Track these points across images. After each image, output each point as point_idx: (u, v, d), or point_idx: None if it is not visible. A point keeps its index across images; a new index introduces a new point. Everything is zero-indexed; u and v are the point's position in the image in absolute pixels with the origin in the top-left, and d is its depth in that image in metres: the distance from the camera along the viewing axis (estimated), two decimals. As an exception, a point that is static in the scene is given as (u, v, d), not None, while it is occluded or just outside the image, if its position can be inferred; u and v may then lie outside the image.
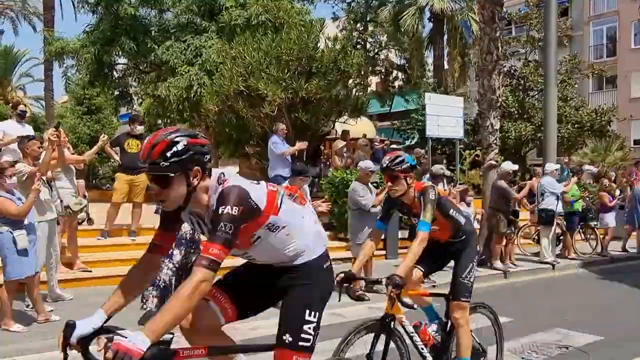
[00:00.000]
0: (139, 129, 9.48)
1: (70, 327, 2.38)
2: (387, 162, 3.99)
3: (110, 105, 27.06)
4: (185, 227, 6.30)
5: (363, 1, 30.31)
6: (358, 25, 30.80)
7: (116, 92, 23.35)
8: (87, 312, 2.58)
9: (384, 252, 11.00)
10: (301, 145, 10.80)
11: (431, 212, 3.79)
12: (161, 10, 19.53)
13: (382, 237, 4.52)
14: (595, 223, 13.25)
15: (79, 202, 7.65)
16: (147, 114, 25.76)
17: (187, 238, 6.30)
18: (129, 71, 21.98)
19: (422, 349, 3.86)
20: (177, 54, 17.76)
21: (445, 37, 28.03)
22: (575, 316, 7.03)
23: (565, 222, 12.31)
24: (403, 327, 3.77)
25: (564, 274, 11.06)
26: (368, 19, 30.45)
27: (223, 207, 2.43)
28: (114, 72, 21.63)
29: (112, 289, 2.67)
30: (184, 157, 2.44)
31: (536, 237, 12.87)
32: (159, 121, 27.15)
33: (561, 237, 12.56)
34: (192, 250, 6.37)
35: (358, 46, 27.98)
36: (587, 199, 13.50)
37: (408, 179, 3.98)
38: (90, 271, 8.16)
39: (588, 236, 13.30)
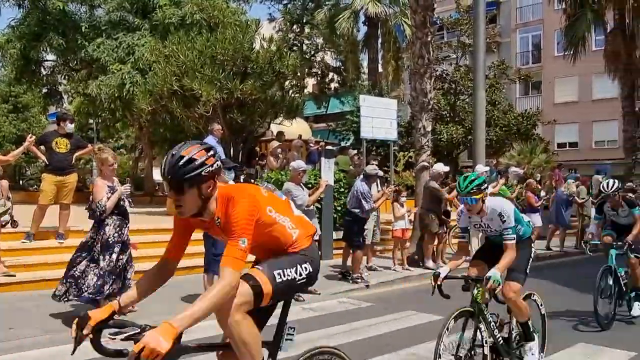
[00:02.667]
0: (70, 127, 9.14)
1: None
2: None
3: (38, 103, 26.18)
4: (111, 232, 6.17)
5: (299, 3, 30.43)
6: (294, 27, 30.90)
7: (44, 90, 22.61)
8: (12, 319, 2.51)
9: (319, 252, 11.05)
10: None
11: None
12: (92, 6, 19.02)
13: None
14: (522, 222, 13.76)
15: (2, 205, 7.34)
16: (77, 112, 25.03)
17: (113, 242, 6.15)
18: (58, 68, 21.31)
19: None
20: (109, 51, 17.34)
21: (380, 40, 28.51)
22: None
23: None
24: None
25: (492, 272, 11.41)
26: (304, 21, 30.59)
27: None
28: (42, 69, 20.90)
29: (38, 294, 2.64)
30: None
31: (466, 237, 13.24)
32: (90, 120, 26.41)
33: (490, 237, 12.96)
34: (120, 255, 6.23)
35: (294, 48, 28.09)
36: (514, 200, 14.00)
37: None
38: (14, 275, 7.83)
39: (515, 235, 13.80)
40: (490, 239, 4.94)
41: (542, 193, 14.95)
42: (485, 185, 4.62)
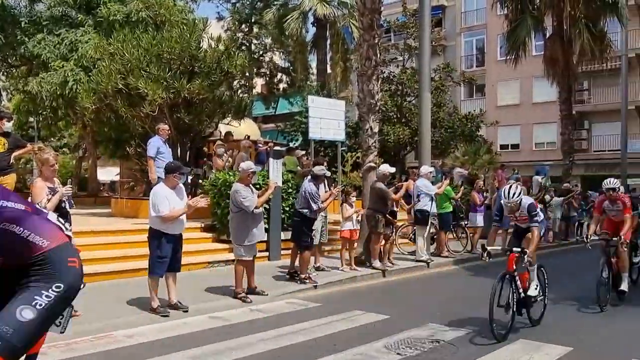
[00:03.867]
0: (8, 125, 8.83)
1: None
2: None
3: (-26, 100, 25.20)
4: None
5: (248, 2, 30.29)
6: (243, 26, 30.74)
7: (-19, 87, 21.78)
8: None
9: (267, 253, 11.05)
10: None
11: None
12: (32, 0, 18.41)
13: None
14: (466, 222, 14.14)
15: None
16: (17, 110, 24.23)
17: None
18: (-5, 64, 20.55)
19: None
20: (51, 47, 16.84)
21: (328, 42, 28.63)
22: (447, 311, 7.48)
23: (438, 222, 12.98)
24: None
25: (438, 271, 11.68)
26: (253, 20, 30.47)
27: None
28: (-22, 65, 20.15)
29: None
30: None
31: (413, 237, 13.47)
32: (31, 118, 25.57)
33: (435, 236, 13.23)
34: None
35: (243, 47, 27.97)
36: (459, 200, 14.29)
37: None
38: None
39: (459, 235, 14.16)
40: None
41: (486, 193, 15.33)
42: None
